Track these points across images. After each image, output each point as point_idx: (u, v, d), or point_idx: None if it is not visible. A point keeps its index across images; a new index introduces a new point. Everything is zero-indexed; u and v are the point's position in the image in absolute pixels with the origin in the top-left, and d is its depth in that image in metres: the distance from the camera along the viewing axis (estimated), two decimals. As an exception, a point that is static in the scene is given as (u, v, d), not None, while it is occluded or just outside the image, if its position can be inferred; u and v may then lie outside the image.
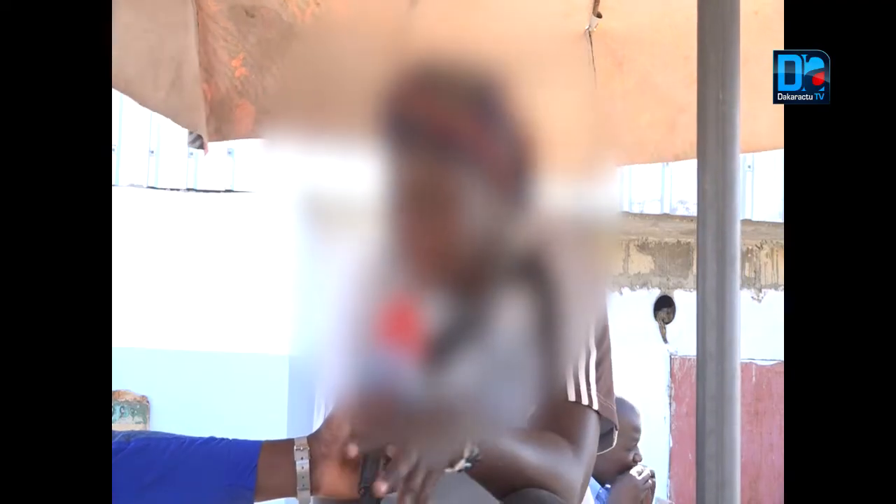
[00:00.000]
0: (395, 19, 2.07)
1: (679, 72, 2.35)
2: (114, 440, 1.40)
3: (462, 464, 1.36)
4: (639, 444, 3.36)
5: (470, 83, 1.51)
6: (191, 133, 2.33)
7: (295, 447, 1.40)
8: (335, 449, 1.39)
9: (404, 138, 1.48)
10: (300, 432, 1.45)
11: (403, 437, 1.33)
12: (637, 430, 3.32)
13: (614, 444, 1.66)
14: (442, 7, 2.06)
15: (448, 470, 1.35)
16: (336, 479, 1.40)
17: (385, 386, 1.42)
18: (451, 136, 1.48)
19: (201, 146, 2.29)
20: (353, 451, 1.34)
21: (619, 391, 3.07)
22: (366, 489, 1.34)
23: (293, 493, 1.40)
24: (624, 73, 2.48)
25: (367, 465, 1.36)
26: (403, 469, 1.31)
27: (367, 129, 1.51)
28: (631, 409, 3.29)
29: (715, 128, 1.70)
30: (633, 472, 3.29)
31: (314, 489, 1.40)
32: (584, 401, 1.54)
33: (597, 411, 1.55)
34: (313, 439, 1.41)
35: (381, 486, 1.30)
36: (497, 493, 1.44)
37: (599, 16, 2.33)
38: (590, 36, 2.41)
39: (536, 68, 1.60)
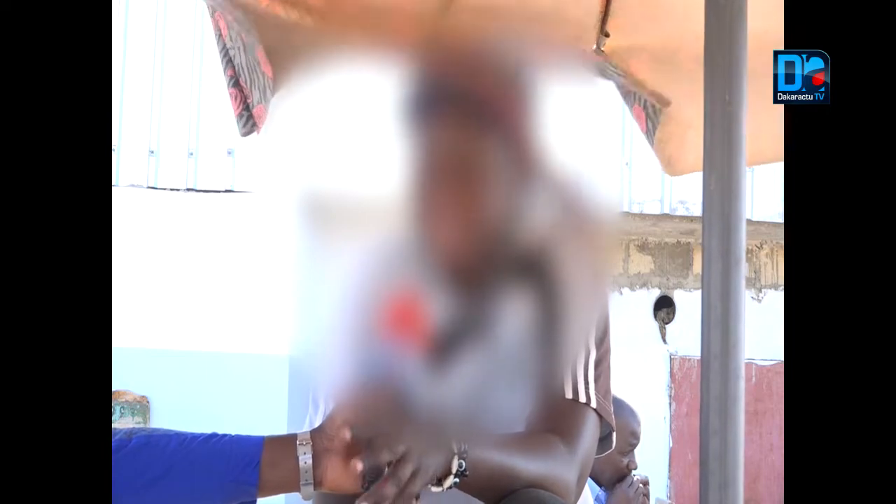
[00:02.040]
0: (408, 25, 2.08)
1: (685, 89, 2.37)
2: (115, 437, 1.40)
3: (451, 480, 1.36)
4: (639, 445, 3.34)
5: (511, 63, 1.52)
6: (239, 118, 2.32)
7: (298, 442, 1.41)
8: (338, 444, 1.39)
9: (443, 106, 1.49)
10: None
11: (403, 438, 1.33)
12: (635, 435, 3.27)
13: (613, 446, 1.65)
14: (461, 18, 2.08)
15: (436, 489, 1.35)
16: (339, 474, 1.40)
17: (388, 380, 1.42)
18: (492, 109, 1.49)
19: (253, 126, 2.28)
20: (357, 466, 1.33)
21: (620, 394, 3.06)
22: (369, 483, 1.35)
23: (296, 488, 1.40)
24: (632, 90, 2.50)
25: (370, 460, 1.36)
26: (406, 472, 1.31)
27: (396, 100, 1.51)
28: (631, 412, 3.25)
29: (721, 129, 1.70)
30: (625, 483, 3.27)
31: (317, 484, 1.40)
32: (582, 398, 1.53)
33: (595, 409, 1.54)
34: (316, 434, 1.41)
35: (389, 490, 1.31)
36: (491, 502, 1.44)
37: (607, 35, 2.35)
38: (598, 55, 2.43)
39: (547, 81, 1.61)
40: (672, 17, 2.25)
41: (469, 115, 1.49)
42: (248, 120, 2.24)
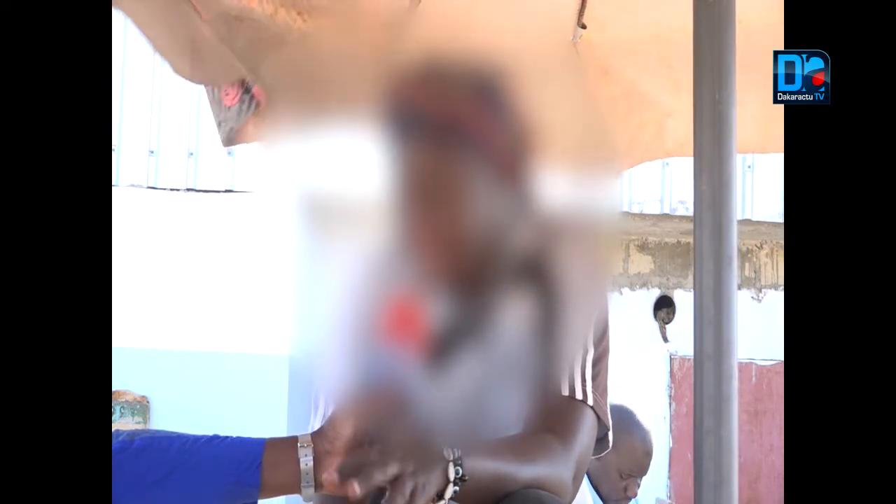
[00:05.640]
0: (386, 26, 2.08)
1: (664, 79, 2.37)
2: (118, 439, 1.41)
3: (451, 489, 1.36)
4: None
5: (472, 75, 1.52)
6: (241, 103, 2.32)
7: (299, 444, 1.41)
8: (339, 446, 1.40)
9: (407, 131, 1.49)
10: (300, 433, 1.45)
11: (400, 454, 1.33)
12: (639, 463, 3.09)
13: (610, 446, 1.65)
14: (433, 19, 2.07)
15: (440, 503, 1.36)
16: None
17: (388, 383, 1.42)
18: (454, 127, 1.49)
19: (256, 105, 2.28)
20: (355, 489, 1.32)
21: (619, 395, 2.98)
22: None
23: (297, 490, 1.41)
24: (610, 81, 2.49)
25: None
26: (406, 492, 1.31)
27: (367, 123, 1.51)
28: (643, 437, 3.08)
29: (711, 128, 1.71)
30: None
31: (318, 486, 1.41)
32: (578, 396, 1.53)
33: (591, 407, 1.54)
34: (317, 436, 1.42)
35: None
36: None
37: (584, 27, 2.35)
38: (575, 47, 2.42)
39: (528, 75, 1.61)
40: (650, 7, 2.25)
41: (437, 136, 1.48)
42: (251, 101, 2.23)
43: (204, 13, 2.04)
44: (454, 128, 1.49)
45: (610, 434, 1.62)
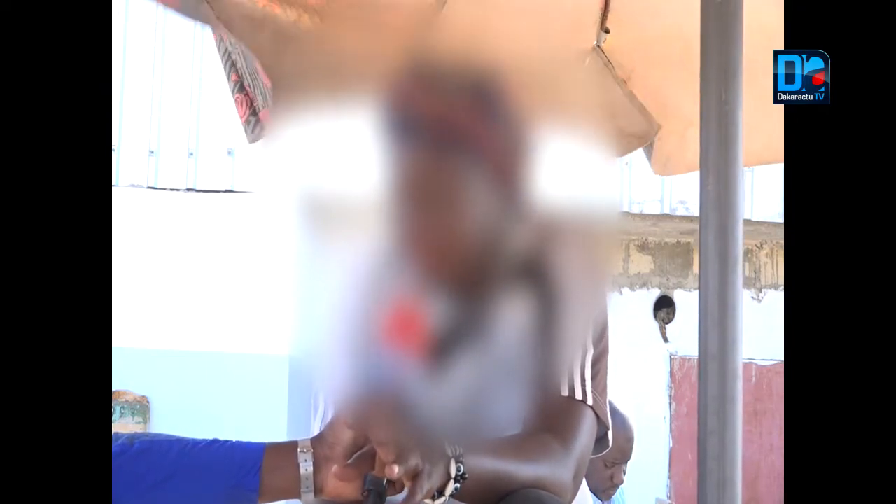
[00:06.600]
0: (408, 26, 2.08)
1: (687, 86, 2.36)
2: (118, 442, 1.41)
3: (451, 486, 1.36)
4: (638, 447, 3.17)
5: (470, 80, 1.52)
6: (247, 124, 2.32)
7: (298, 449, 1.41)
8: (339, 451, 1.39)
9: (405, 135, 1.49)
10: (300, 433, 1.45)
11: (407, 449, 1.33)
12: (621, 449, 3.05)
13: (609, 446, 1.65)
14: (454, 25, 2.07)
15: (439, 500, 1.35)
16: (340, 482, 1.40)
17: (388, 386, 1.42)
18: (451, 131, 1.48)
19: (261, 131, 2.27)
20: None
21: (617, 401, 2.95)
22: (369, 491, 1.34)
23: (297, 495, 1.41)
24: (632, 87, 2.48)
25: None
26: (420, 494, 1.31)
27: (369, 122, 1.51)
28: (622, 423, 3.04)
29: (717, 128, 1.70)
30: None
31: (318, 491, 1.40)
32: (578, 396, 1.53)
33: (591, 407, 1.54)
34: (317, 441, 1.42)
35: None
36: None
37: (607, 31, 2.34)
38: (600, 50, 2.42)
39: (545, 78, 1.61)
40: (673, 12, 2.24)
41: (435, 140, 1.48)
42: (256, 125, 2.24)
43: (219, 13, 2.04)
44: (449, 131, 1.48)
45: (610, 433, 1.62)
